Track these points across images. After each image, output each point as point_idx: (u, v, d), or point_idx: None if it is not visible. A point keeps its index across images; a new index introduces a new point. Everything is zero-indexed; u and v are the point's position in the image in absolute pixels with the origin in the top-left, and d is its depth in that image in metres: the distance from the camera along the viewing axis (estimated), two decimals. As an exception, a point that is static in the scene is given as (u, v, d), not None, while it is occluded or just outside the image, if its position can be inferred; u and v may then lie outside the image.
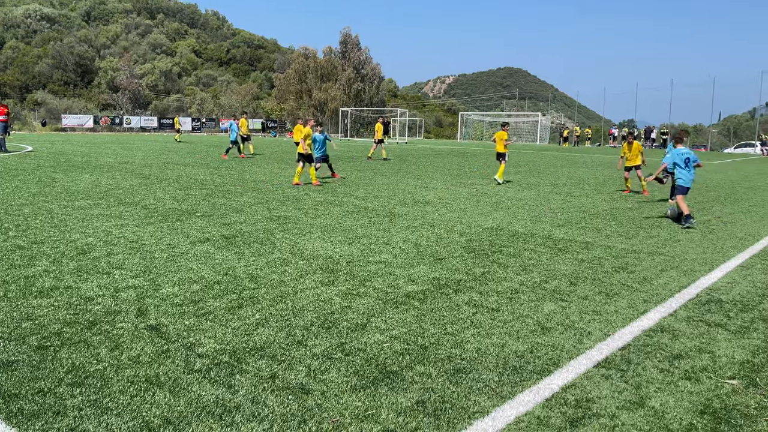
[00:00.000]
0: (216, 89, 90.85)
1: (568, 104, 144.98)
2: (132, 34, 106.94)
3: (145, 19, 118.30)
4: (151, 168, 16.91)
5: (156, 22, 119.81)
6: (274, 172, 16.54)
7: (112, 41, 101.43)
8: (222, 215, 9.05)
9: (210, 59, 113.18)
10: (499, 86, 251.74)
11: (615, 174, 19.00)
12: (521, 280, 5.82)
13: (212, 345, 3.97)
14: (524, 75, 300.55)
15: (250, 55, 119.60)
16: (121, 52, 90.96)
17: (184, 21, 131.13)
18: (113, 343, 3.94)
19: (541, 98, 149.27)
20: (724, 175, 20.73)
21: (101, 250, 6.55)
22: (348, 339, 4.15)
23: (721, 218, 10.22)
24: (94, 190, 11.61)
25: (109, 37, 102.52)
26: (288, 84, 77.58)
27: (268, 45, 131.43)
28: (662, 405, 3.33)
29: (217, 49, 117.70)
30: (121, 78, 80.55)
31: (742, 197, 13.66)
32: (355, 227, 8.39)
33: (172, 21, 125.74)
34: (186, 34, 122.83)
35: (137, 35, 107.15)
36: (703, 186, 15.94)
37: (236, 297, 5.02)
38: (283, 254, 6.62)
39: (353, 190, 12.88)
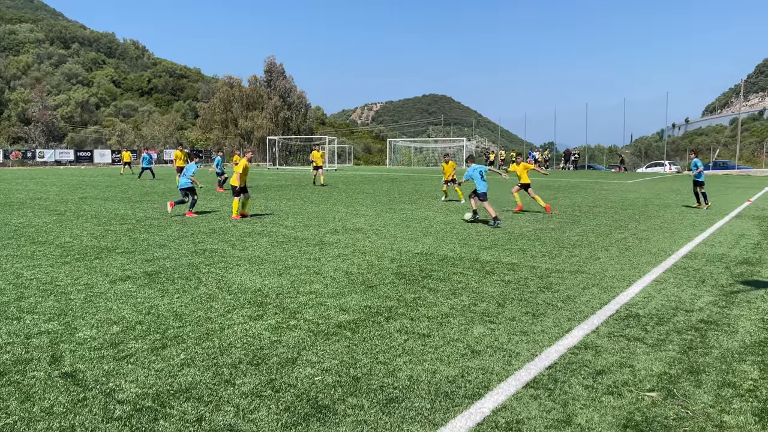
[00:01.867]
0: (137, 120, 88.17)
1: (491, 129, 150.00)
2: (45, 64, 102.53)
3: (59, 48, 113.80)
4: (67, 204, 16.10)
5: (71, 51, 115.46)
6: (199, 203, 16.12)
7: (23, 72, 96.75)
8: (144, 251, 8.71)
9: (130, 89, 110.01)
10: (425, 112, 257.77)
11: (541, 195, 19.74)
12: (451, 304, 5.90)
13: (134, 389, 3.77)
14: (448, 101, 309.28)
15: (173, 85, 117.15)
16: (33, 83, 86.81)
17: (101, 50, 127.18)
18: (24, 395, 3.67)
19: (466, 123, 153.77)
20: (638, 194, 21.94)
21: (11, 293, 6.14)
22: (278, 375, 4.06)
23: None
24: (2, 229, 10.92)
25: (20, 67, 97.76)
26: (213, 113, 76.38)
27: (191, 74, 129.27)
28: (588, 421, 3.43)
29: (137, 79, 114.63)
30: (33, 110, 76.74)
31: (654, 214, 14.47)
32: (284, 258, 8.27)
33: (89, 50, 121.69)
34: (104, 63, 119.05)
35: (50, 65, 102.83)
36: (619, 204, 16.80)
37: (160, 337, 4.82)
38: (209, 289, 6.43)
39: (282, 219, 12.74)
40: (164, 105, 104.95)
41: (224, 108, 75.32)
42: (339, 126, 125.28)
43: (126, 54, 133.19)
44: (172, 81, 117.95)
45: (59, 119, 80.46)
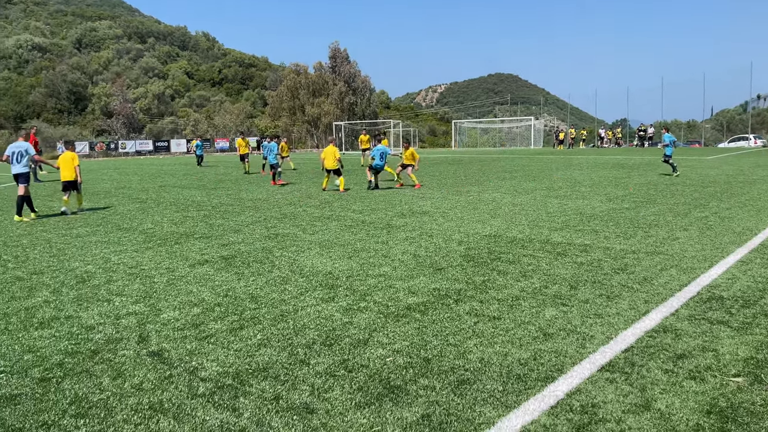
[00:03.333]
0: (209, 109, 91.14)
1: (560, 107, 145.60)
2: (124, 59, 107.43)
3: (136, 43, 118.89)
4: (147, 192, 16.93)
5: (147, 46, 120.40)
6: (271, 190, 16.56)
7: (104, 67, 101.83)
8: (220, 236, 9.05)
9: (202, 80, 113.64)
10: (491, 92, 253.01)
11: (611, 174, 19.07)
12: (521, 287, 5.82)
13: (215, 368, 3.96)
14: (515, 80, 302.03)
15: (242, 74, 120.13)
16: (114, 78, 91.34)
17: (175, 44, 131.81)
18: (116, 372, 3.93)
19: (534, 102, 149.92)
20: (720, 170, 20.79)
21: (101, 277, 6.55)
22: (350, 355, 4.15)
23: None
24: (92, 216, 11.61)
25: (101, 63, 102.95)
26: (281, 101, 77.89)
27: (259, 63, 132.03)
28: (668, 407, 3.32)
29: (208, 70, 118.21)
30: (114, 103, 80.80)
31: (738, 191, 13.69)
32: (353, 241, 8.39)
33: (163, 44, 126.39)
34: (177, 56, 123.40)
35: (129, 60, 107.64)
36: (699, 182, 15.98)
37: (237, 318, 5.02)
38: (282, 272, 6.62)
39: (350, 203, 12.90)
40: (234, 94, 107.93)
41: (291, 95, 76.65)
42: (403, 109, 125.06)
43: (198, 46, 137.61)
44: (242, 70, 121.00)
45: (138, 111, 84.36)
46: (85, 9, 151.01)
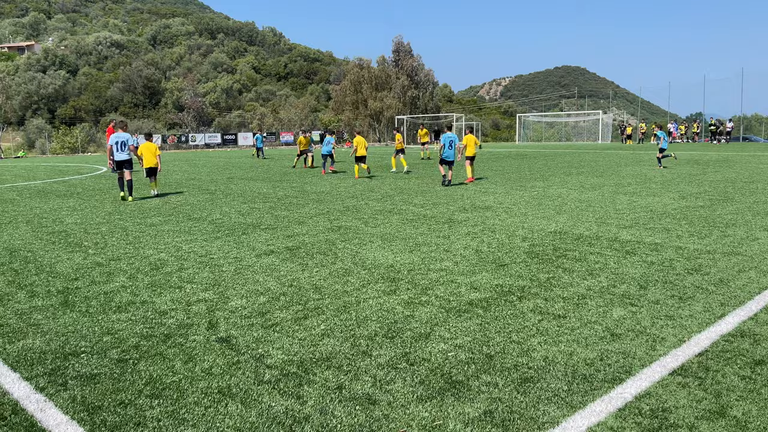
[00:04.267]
0: (275, 104, 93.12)
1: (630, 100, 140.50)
2: (195, 54, 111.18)
3: (207, 39, 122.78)
4: (216, 183, 17.49)
5: (216, 41, 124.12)
6: (334, 183, 16.78)
7: (176, 62, 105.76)
8: (285, 227, 9.25)
9: (269, 75, 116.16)
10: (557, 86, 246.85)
11: (684, 171, 18.26)
12: (588, 285, 5.67)
13: (280, 356, 4.06)
14: (583, 72, 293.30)
15: (307, 69, 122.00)
16: (185, 73, 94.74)
17: (243, 39, 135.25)
18: (187, 356, 4.09)
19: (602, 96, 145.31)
20: (805, 167, 19.53)
21: (173, 265, 6.83)
22: (412, 348, 4.16)
23: None
24: (164, 206, 12.12)
25: (174, 58, 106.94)
26: (344, 95, 78.63)
27: (323, 58, 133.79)
28: (745, 414, 3.17)
29: (275, 65, 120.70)
30: (185, 97, 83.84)
31: (826, 190, 12.83)
32: (415, 235, 8.40)
33: (232, 40, 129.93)
34: (245, 51, 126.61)
35: (199, 55, 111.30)
36: (782, 180, 15.08)
37: (301, 308, 5.12)
38: (345, 264, 6.71)
39: (411, 197, 12.91)
40: (299, 88, 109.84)
41: (354, 89, 77.24)
42: (466, 103, 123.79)
43: (265, 41, 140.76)
44: (307, 65, 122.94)
45: (208, 105, 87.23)
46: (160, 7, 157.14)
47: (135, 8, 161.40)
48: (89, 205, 12.58)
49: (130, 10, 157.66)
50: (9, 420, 3.24)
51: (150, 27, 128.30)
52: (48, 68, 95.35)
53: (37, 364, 3.98)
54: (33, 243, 8.31)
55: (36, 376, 3.80)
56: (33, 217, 10.97)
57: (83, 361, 4.03)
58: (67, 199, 14.03)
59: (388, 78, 77.10)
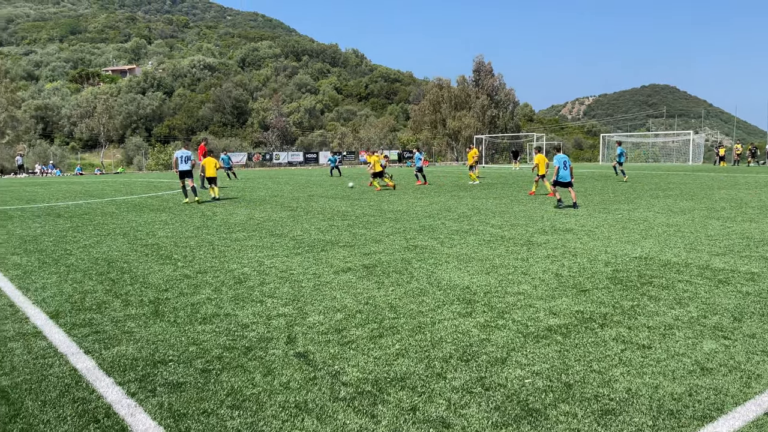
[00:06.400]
0: (355, 123, 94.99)
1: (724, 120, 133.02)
2: (280, 76, 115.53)
3: (292, 61, 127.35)
4: (298, 201, 18.01)
5: (301, 63, 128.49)
6: (410, 202, 16.86)
7: (263, 84, 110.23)
8: (362, 245, 9.38)
9: (350, 95, 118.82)
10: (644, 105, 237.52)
11: None
12: (676, 315, 5.39)
13: (356, 374, 4.11)
14: (672, 91, 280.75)
15: (387, 89, 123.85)
16: (271, 93, 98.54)
17: (327, 61, 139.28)
18: (266, 369, 4.22)
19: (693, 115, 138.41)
20: None
21: (255, 279, 7.07)
22: (488, 373, 4.10)
23: None
24: (248, 222, 12.60)
25: (261, 80, 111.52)
26: (423, 114, 79.12)
27: (403, 78, 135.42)
28: None
29: (356, 85, 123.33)
30: (270, 117, 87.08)
31: None
32: (492, 257, 8.29)
33: (316, 61, 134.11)
34: (328, 72, 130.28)
35: (285, 77, 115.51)
36: None
37: (377, 326, 5.17)
38: (420, 284, 6.71)
39: (489, 218, 12.76)
40: (379, 108, 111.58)
41: (433, 109, 77.59)
42: (547, 122, 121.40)
43: (347, 62, 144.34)
44: (387, 85, 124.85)
45: (291, 125, 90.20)
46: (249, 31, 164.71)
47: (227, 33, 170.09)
48: (179, 220, 13.27)
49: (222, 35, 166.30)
50: (102, 423, 3.45)
51: (240, 50, 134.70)
52: (147, 90, 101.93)
53: (129, 370, 4.23)
54: (128, 254, 8.86)
55: (128, 381, 4.03)
56: (129, 230, 11.70)
57: (171, 369, 4.25)
58: (160, 213, 14.87)
59: (467, 97, 76.96)
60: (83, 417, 3.51)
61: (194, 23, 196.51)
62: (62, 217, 14.17)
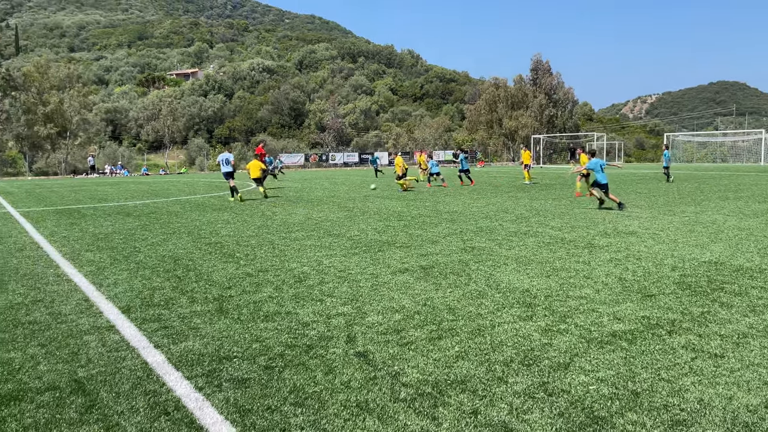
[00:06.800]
0: (410, 124, 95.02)
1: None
2: (337, 77, 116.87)
3: (348, 63, 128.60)
4: (354, 201, 18.17)
5: (357, 65, 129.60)
6: (467, 203, 16.73)
7: (320, 85, 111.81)
8: (419, 246, 9.38)
9: (405, 96, 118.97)
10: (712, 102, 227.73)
11: None
12: (750, 323, 5.14)
13: (415, 375, 4.11)
14: (742, 88, 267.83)
15: (442, 89, 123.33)
16: (327, 95, 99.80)
17: (382, 62, 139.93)
18: (327, 368, 4.28)
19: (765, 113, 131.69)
20: None
21: (314, 278, 7.18)
22: (550, 378, 4.02)
23: None
24: (306, 222, 12.80)
25: (318, 82, 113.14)
26: (478, 114, 78.37)
27: (459, 78, 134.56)
28: None
29: (411, 86, 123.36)
30: (327, 118, 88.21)
31: None
32: (552, 259, 8.13)
33: (372, 63, 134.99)
34: (383, 73, 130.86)
35: (341, 78, 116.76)
36: None
37: (435, 328, 5.16)
38: (478, 286, 6.65)
39: (548, 220, 12.52)
40: (434, 109, 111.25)
41: (489, 109, 76.72)
42: (607, 121, 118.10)
43: (402, 63, 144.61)
44: (442, 85, 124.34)
45: (347, 126, 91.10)
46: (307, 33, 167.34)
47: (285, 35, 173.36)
48: (240, 219, 13.62)
49: (281, 38, 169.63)
50: (172, 415, 3.58)
51: (297, 52, 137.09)
52: (208, 93, 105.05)
53: (196, 365, 4.37)
54: (193, 252, 9.16)
55: (195, 376, 4.17)
56: (193, 228, 12.09)
57: (235, 365, 4.36)
58: (222, 212, 15.30)
59: (524, 97, 75.75)
60: (154, 409, 3.66)
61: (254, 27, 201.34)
62: (131, 216, 14.79)
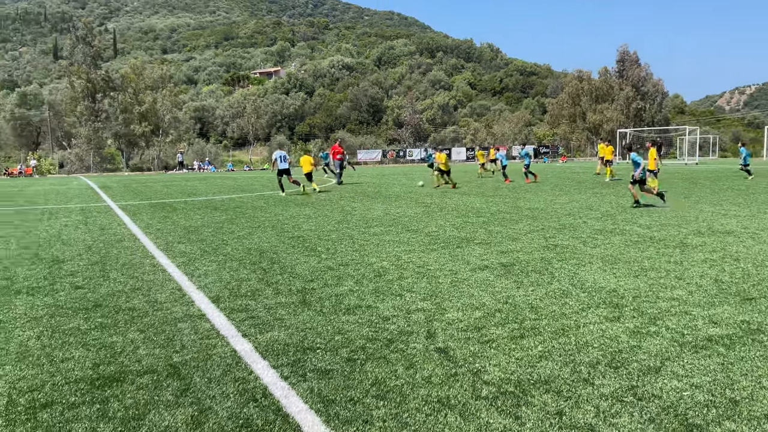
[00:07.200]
0: (488, 118, 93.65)
1: None
2: (415, 73, 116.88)
3: (426, 58, 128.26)
4: (431, 197, 18.14)
5: (435, 60, 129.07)
6: (549, 199, 16.31)
7: (398, 81, 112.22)
8: (499, 243, 9.24)
9: (484, 90, 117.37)
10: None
11: None
12: None
13: (497, 373, 4.06)
14: None
15: (523, 83, 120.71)
16: (405, 91, 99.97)
17: (461, 56, 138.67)
18: (408, 362, 4.31)
19: None
20: None
21: (393, 273, 7.24)
22: (640, 382, 3.87)
23: None
24: (385, 218, 12.91)
25: (396, 78, 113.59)
26: (561, 108, 76.17)
27: (540, 71, 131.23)
28: None
29: (490, 80, 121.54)
30: (404, 114, 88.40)
31: None
32: (640, 259, 7.79)
33: (450, 57, 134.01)
34: (462, 68, 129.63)
35: (419, 74, 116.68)
36: None
37: (517, 327, 5.07)
38: (562, 285, 6.48)
39: (635, 217, 12.00)
40: (514, 103, 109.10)
41: (572, 102, 74.44)
42: (700, 114, 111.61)
43: (482, 57, 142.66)
44: (522, 79, 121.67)
45: (424, 121, 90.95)
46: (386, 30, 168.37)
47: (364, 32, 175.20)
48: (321, 214, 13.92)
49: (360, 35, 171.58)
50: (260, 402, 3.72)
51: (376, 49, 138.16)
52: (290, 90, 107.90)
53: (281, 355, 4.52)
54: (277, 246, 9.45)
55: (281, 365, 4.31)
56: (277, 222, 12.48)
57: (319, 356, 4.47)
58: (304, 207, 15.70)
59: (610, 89, 72.95)
60: (243, 395, 3.81)
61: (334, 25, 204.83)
62: (218, 210, 15.45)
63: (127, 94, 65.19)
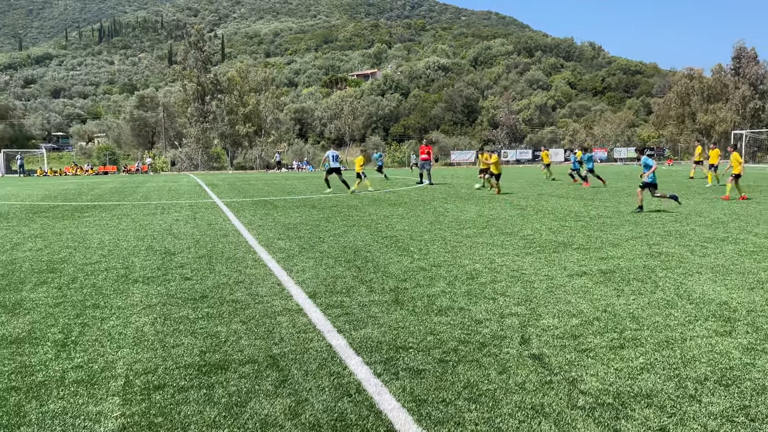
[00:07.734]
0: (588, 119, 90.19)
1: None
2: (512, 73, 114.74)
3: (524, 58, 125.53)
4: (527, 199, 17.75)
5: (534, 59, 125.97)
6: (652, 205, 15.47)
7: (494, 82, 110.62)
8: (598, 248, 8.90)
9: (584, 90, 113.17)
10: None
11: None
12: None
13: (595, 383, 3.93)
14: None
15: (626, 82, 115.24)
16: (501, 91, 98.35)
17: (560, 55, 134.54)
18: (501, 367, 4.26)
19: None
20: None
21: (486, 276, 7.16)
22: (753, 402, 3.61)
23: None
24: (478, 219, 12.78)
25: (492, 78, 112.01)
26: (668, 108, 72.00)
27: (646, 69, 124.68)
28: None
29: (591, 79, 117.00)
30: (500, 115, 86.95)
31: None
32: (756, 270, 7.24)
33: (549, 57, 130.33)
34: (561, 67, 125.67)
35: (516, 74, 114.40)
36: None
37: (617, 336, 4.87)
38: (666, 295, 6.15)
39: (752, 225, 11.14)
40: (616, 103, 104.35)
41: (681, 102, 70.16)
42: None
43: (582, 56, 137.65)
44: (626, 78, 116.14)
45: (521, 122, 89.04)
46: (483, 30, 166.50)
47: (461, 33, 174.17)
48: (414, 215, 14.00)
49: (456, 35, 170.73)
50: (353, 398, 3.82)
51: (473, 49, 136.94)
52: (386, 92, 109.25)
53: (374, 352, 4.61)
54: (371, 245, 9.62)
55: (374, 362, 4.40)
56: (370, 222, 12.70)
57: (411, 355, 4.52)
58: (397, 207, 15.86)
59: (723, 88, 68.04)
60: (338, 390, 3.93)
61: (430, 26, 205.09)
62: (315, 208, 15.94)
63: (233, 96, 68.57)
